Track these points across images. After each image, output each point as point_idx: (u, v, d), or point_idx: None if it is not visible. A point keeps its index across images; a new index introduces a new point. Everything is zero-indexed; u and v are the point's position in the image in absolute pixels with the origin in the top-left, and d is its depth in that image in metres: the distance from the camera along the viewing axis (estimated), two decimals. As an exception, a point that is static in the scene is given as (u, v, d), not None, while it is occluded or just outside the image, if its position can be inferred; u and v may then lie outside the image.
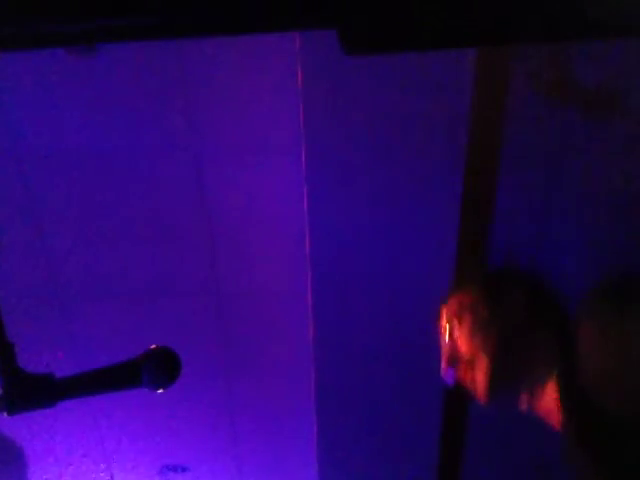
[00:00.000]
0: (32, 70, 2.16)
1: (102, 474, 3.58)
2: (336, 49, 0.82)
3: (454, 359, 1.39)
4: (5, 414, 0.93)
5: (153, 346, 0.98)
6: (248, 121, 2.34)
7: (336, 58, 1.95)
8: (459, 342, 1.38)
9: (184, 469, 3.60)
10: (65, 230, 2.59)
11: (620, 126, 2.24)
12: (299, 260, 2.59)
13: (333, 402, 2.96)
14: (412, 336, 2.77)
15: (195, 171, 2.47)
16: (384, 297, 2.67)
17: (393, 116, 2.17)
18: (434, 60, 2.00)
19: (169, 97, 2.29)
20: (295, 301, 2.80)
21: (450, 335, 1.41)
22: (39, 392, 0.93)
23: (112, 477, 3.60)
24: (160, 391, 0.97)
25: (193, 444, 3.45)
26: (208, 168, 2.47)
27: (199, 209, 2.58)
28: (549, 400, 1.30)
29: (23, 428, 2.99)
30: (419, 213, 2.43)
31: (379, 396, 2.94)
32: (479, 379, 1.31)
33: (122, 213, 2.57)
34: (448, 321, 1.43)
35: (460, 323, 1.38)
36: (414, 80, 2.06)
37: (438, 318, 1.51)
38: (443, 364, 1.44)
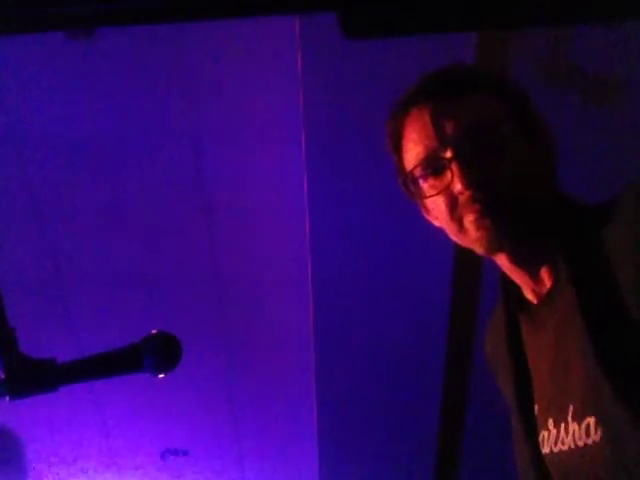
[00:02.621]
0: (31, 55, 2.14)
1: (104, 458, 3.60)
2: (336, 35, 0.82)
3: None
4: (7, 399, 0.93)
5: (154, 331, 0.99)
6: (248, 108, 2.33)
7: (336, 44, 1.94)
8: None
9: (185, 453, 3.62)
10: (64, 216, 2.59)
11: (621, 111, 2.24)
12: (299, 247, 2.59)
13: (333, 385, 2.98)
14: (412, 321, 2.78)
15: (194, 159, 2.47)
16: (384, 284, 2.68)
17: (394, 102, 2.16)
18: (435, 44, 1.99)
19: (168, 83, 2.28)
20: (295, 287, 2.80)
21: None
22: (40, 377, 0.93)
23: (114, 461, 3.62)
24: (161, 376, 0.98)
25: (194, 428, 3.47)
26: (207, 156, 2.46)
27: (198, 196, 2.57)
28: None
29: (24, 413, 3.00)
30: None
31: (379, 378, 2.96)
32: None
33: (122, 199, 2.56)
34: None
35: None
36: (415, 65, 2.04)
37: None
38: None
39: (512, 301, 1.14)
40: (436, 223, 1.19)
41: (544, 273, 1.07)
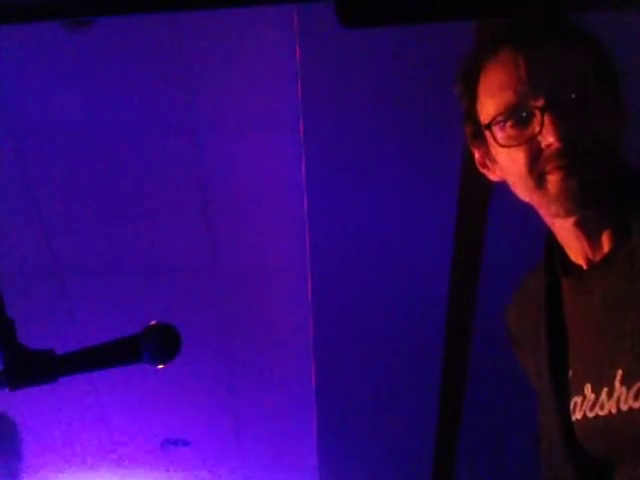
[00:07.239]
0: (28, 45, 2.13)
1: (104, 448, 3.62)
2: (334, 25, 0.81)
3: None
4: (7, 389, 0.93)
5: (153, 322, 0.99)
6: (246, 97, 2.33)
7: (334, 34, 1.93)
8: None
9: (185, 443, 3.64)
10: (63, 206, 2.59)
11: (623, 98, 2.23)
12: (298, 235, 2.59)
13: (332, 375, 2.99)
14: (410, 310, 2.78)
15: (193, 147, 2.46)
16: (383, 271, 2.68)
17: (392, 90, 2.16)
18: (433, 32, 1.98)
19: (166, 73, 2.27)
20: (294, 277, 2.80)
21: None
22: (40, 368, 0.93)
23: (115, 451, 3.64)
24: (160, 366, 0.98)
25: (194, 419, 3.48)
26: (206, 144, 2.46)
27: (197, 185, 2.57)
28: None
29: (23, 404, 3.01)
30: (419, 188, 2.42)
31: (378, 366, 2.97)
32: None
33: (120, 189, 2.56)
34: None
35: None
36: (413, 54, 2.04)
37: None
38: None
39: (556, 265, 1.10)
40: (494, 177, 1.10)
41: (604, 238, 1.04)
